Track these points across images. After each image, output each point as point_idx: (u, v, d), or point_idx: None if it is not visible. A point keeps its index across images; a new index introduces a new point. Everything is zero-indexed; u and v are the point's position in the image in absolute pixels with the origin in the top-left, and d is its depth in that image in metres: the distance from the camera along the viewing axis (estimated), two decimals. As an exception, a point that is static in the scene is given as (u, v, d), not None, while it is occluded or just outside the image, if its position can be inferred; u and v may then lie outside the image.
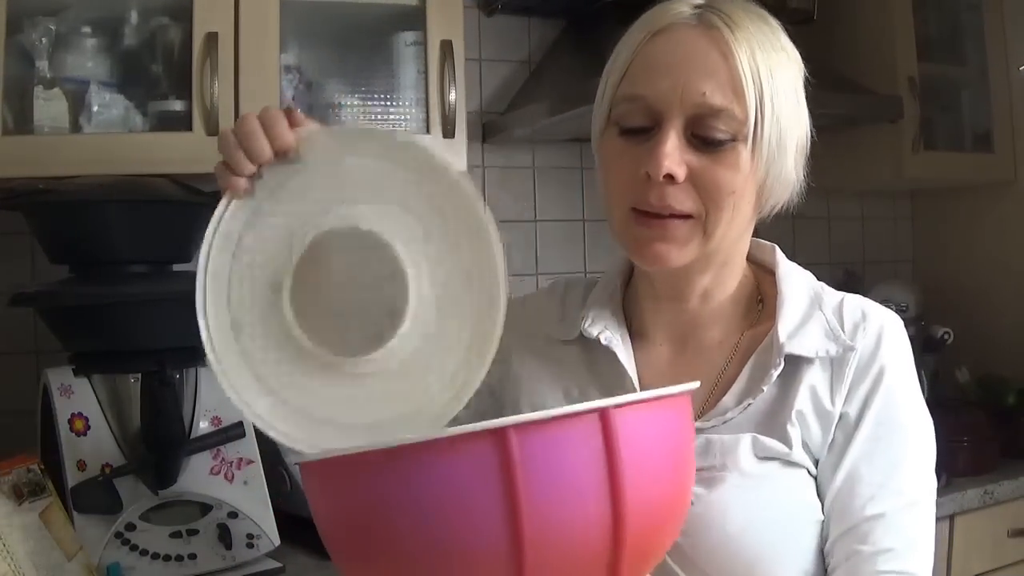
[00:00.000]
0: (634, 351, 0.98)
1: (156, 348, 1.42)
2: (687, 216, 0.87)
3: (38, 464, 1.36)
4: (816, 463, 0.90)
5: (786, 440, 0.88)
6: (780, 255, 0.99)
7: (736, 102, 0.85)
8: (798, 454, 0.88)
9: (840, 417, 0.89)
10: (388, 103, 1.83)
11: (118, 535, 1.40)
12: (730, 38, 0.85)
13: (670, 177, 0.85)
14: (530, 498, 0.57)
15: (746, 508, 0.85)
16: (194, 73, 1.60)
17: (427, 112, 1.80)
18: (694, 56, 0.86)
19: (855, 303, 0.94)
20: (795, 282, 0.96)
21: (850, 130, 2.44)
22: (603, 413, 0.60)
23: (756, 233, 0.97)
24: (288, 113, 0.79)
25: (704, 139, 0.85)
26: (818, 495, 0.89)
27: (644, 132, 0.87)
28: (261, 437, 1.62)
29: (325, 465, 0.64)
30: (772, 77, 0.86)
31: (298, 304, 0.75)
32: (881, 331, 0.92)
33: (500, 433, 0.56)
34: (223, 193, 0.80)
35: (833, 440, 0.89)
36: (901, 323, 0.94)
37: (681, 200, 0.86)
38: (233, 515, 1.48)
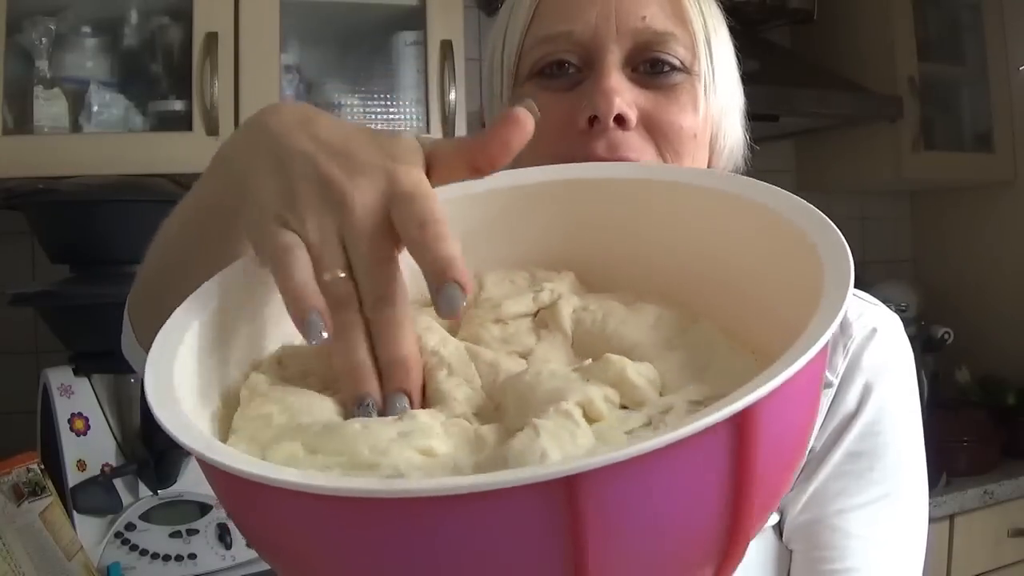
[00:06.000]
0: None
1: (156, 348, 1.42)
2: None
3: (38, 464, 1.36)
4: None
5: None
6: None
7: (681, 28, 0.71)
8: None
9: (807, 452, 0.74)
10: (388, 103, 1.83)
11: (118, 535, 1.40)
12: None
13: (620, 120, 0.68)
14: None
15: None
16: (194, 73, 1.60)
17: (427, 112, 1.80)
18: None
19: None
20: None
21: (850, 130, 2.44)
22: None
23: None
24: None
25: (652, 71, 0.70)
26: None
27: (571, 76, 0.71)
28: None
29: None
30: (709, 5, 0.74)
31: None
32: (867, 342, 0.76)
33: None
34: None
35: (801, 472, 0.75)
36: (900, 325, 0.80)
37: (637, 149, 0.69)
38: (233, 515, 1.48)
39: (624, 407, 0.43)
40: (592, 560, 0.34)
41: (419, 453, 0.39)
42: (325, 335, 0.42)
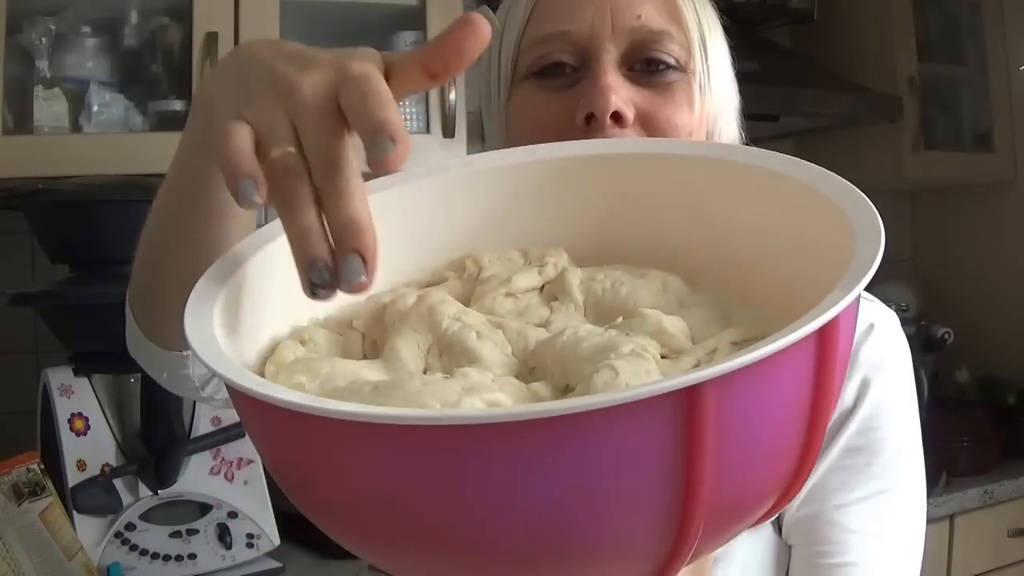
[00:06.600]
0: None
1: (156, 348, 1.42)
2: None
3: (38, 464, 1.36)
4: None
5: None
6: None
7: (676, 27, 0.71)
8: None
9: None
10: (388, 103, 1.83)
11: (118, 535, 1.40)
12: None
13: (617, 117, 0.68)
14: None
15: None
16: (194, 73, 1.60)
17: (427, 112, 1.80)
18: None
19: None
20: None
21: (850, 130, 2.44)
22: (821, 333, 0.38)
23: None
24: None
25: (648, 70, 0.71)
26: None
27: (568, 75, 0.72)
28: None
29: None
30: (704, 4, 0.75)
31: None
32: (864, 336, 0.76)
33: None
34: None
35: None
36: (897, 321, 0.80)
37: None
38: (233, 515, 1.48)
39: (663, 357, 0.44)
40: (707, 467, 0.36)
41: (489, 405, 0.39)
42: (258, 200, 0.41)
